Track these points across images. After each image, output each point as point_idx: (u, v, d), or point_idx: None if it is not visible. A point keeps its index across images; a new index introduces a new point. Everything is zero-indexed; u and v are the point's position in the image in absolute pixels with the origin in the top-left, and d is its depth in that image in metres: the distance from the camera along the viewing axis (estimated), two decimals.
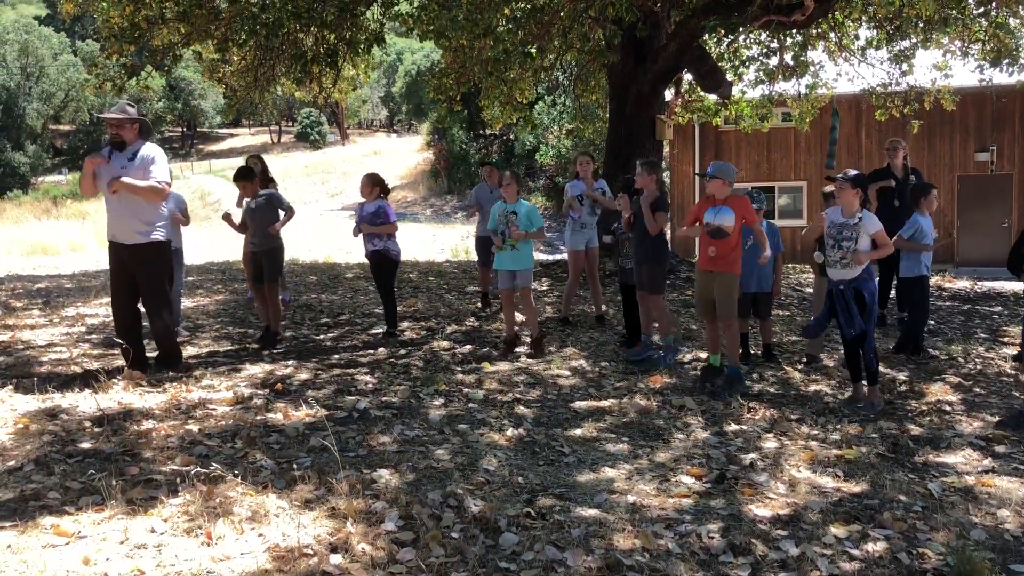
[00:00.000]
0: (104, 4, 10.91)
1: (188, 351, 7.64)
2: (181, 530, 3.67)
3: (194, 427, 5.19)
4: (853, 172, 6.26)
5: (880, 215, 7.70)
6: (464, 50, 12.23)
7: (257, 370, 6.87)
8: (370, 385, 6.44)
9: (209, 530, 3.63)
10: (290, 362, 7.20)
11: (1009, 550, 3.92)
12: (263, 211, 7.92)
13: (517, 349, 7.68)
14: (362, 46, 11.93)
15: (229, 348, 7.79)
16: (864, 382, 6.36)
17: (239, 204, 8.50)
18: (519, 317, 8.29)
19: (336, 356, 7.51)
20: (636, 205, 7.41)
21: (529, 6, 10.51)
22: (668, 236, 10.58)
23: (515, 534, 3.82)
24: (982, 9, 11.35)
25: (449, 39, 11.52)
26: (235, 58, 13.21)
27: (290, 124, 77.49)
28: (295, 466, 4.54)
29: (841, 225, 6.18)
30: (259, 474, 4.42)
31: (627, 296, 7.99)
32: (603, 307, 9.14)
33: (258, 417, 5.44)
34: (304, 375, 6.74)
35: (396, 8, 12.05)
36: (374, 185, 8.29)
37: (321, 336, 8.50)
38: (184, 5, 10.68)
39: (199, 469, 4.39)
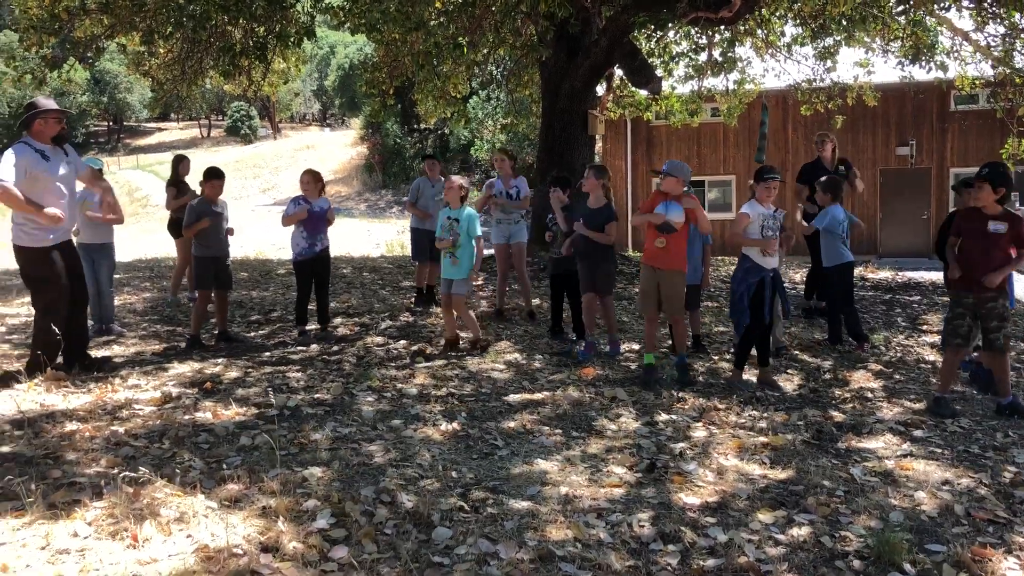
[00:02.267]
0: None
1: (114, 350, 7.47)
2: (106, 533, 3.59)
3: (120, 428, 5.07)
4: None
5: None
6: (396, 44, 12.17)
7: (186, 369, 6.75)
8: (302, 382, 6.37)
9: (135, 532, 3.56)
10: (220, 360, 7.08)
11: (925, 531, 4.07)
12: (223, 218, 7.87)
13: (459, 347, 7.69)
14: (292, 39, 11.74)
15: (157, 347, 7.63)
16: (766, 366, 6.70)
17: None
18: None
19: (267, 353, 7.42)
20: (585, 211, 7.46)
21: (460, 0, 10.49)
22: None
23: (448, 528, 3.83)
24: (901, 8, 11.68)
25: (381, 32, 11.43)
26: (161, 51, 12.91)
27: (220, 118, 76.00)
28: (224, 466, 4.48)
29: (773, 215, 6.39)
30: (188, 474, 4.35)
31: (556, 289, 8.07)
32: (533, 301, 9.15)
33: (187, 417, 5.35)
34: (234, 373, 6.64)
35: (327, 1, 11.92)
36: (319, 182, 8.13)
37: (252, 333, 8.38)
38: None
39: (125, 471, 4.30)
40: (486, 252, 9.00)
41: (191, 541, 3.57)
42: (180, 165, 10.19)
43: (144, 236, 26.73)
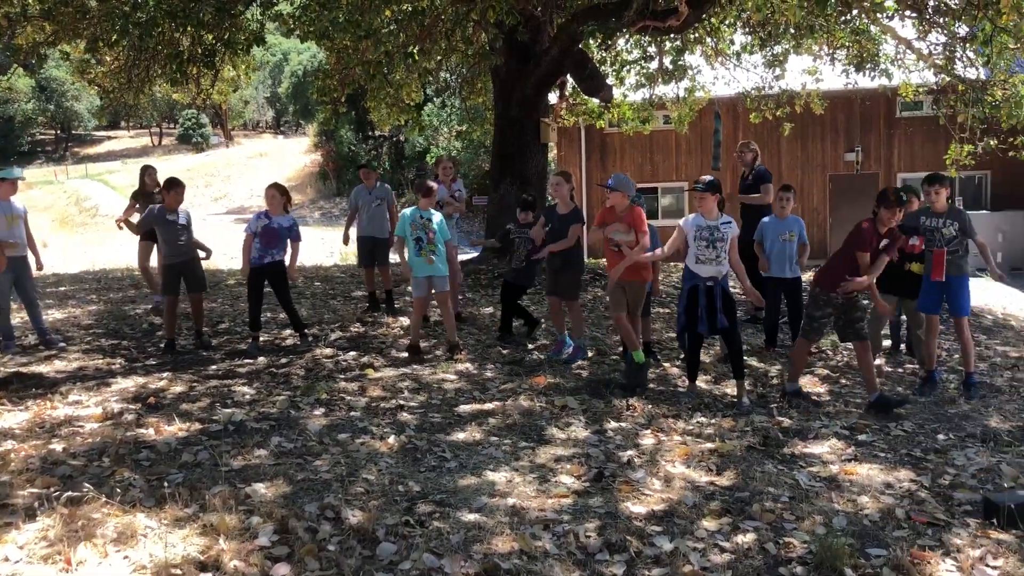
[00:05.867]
0: None
1: (55, 365, 7.31)
2: (38, 557, 3.50)
3: (58, 446, 4.96)
4: (708, 178, 6.49)
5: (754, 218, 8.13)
6: (347, 52, 12.08)
7: (129, 384, 6.61)
8: (248, 396, 6.28)
9: (69, 555, 3.47)
10: (164, 374, 6.96)
11: (868, 535, 4.12)
12: (185, 225, 8.03)
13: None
14: (241, 46, 11.60)
15: (101, 361, 7.48)
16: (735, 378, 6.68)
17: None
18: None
19: (213, 367, 7.30)
20: (554, 217, 7.61)
21: (410, 8, 10.44)
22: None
23: (393, 543, 3.79)
24: (846, 17, 11.88)
25: (331, 40, 11.34)
26: (107, 58, 12.68)
27: (171, 126, 74.91)
28: (166, 483, 4.39)
29: (712, 227, 6.39)
30: (127, 493, 4.26)
31: (507, 294, 8.25)
32: (485, 309, 9.22)
33: (128, 433, 5.24)
34: (179, 388, 6.53)
35: (276, 8, 11.79)
36: (284, 196, 8.18)
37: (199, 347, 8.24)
38: (49, 2, 10.19)
39: (61, 491, 4.19)
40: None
41: (128, 562, 3.50)
42: (146, 175, 10.04)
43: (93, 248, 26.20)
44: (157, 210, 8.05)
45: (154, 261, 9.67)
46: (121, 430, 5.31)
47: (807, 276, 8.44)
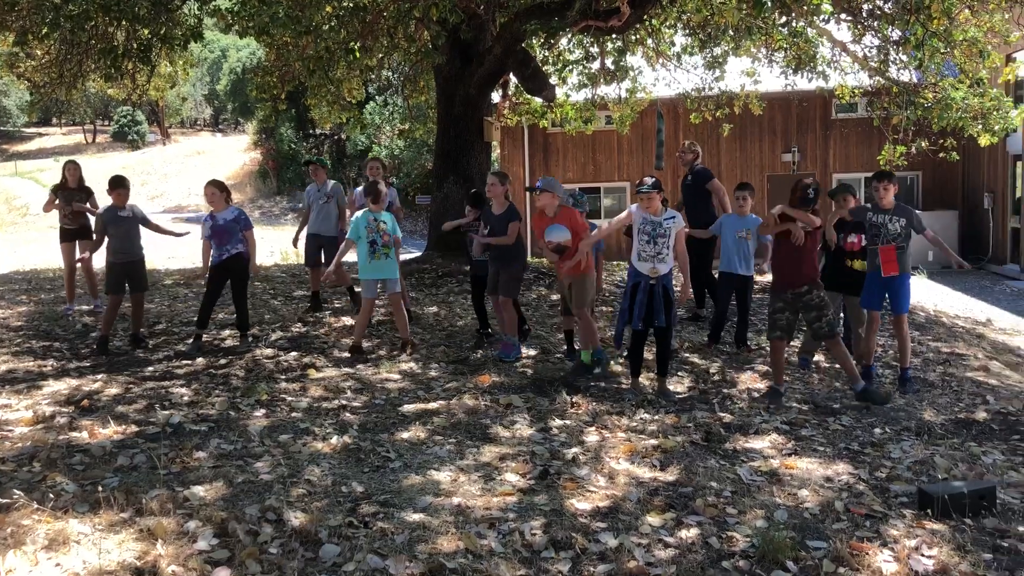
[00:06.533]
0: None
1: None
2: None
3: None
4: (651, 179, 6.54)
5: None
6: (287, 48, 11.91)
7: (61, 386, 6.43)
8: (186, 398, 6.14)
9: None
10: (99, 376, 6.77)
11: (808, 527, 4.19)
12: (135, 222, 8.04)
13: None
14: (178, 42, 11.37)
15: (32, 363, 7.25)
16: (655, 374, 6.85)
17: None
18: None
19: (150, 368, 7.13)
20: (490, 217, 7.63)
21: (352, 4, 10.33)
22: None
23: (336, 545, 3.74)
24: (784, 19, 12.08)
25: (271, 36, 11.16)
26: (38, 52, 12.31)
27: (106, 123, 73.02)
28: (100, 487, 4.26)
29: (655, 223, 6.44)
30: (59, 498, 4.13)
31: (477, 288, 8.23)
32: (431, 308, 9.16)
33: (60, 437, 5.09)
34: (114, 389, 6.36)
35: (215, 3, 11.57)
36: (223, 192, 8.11)
37: (135, 347, 8.05)
38: None
39: None
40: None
41: (60, 569, 3.39)
42: (66, 170, 9.80)
43: (24, 246, 25.43)
44: (106, 210, 8.07)
45: (97, 262, 9.48)
46: (53, 434, 5.15)
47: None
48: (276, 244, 28.10)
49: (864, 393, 6.48)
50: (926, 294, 13.76)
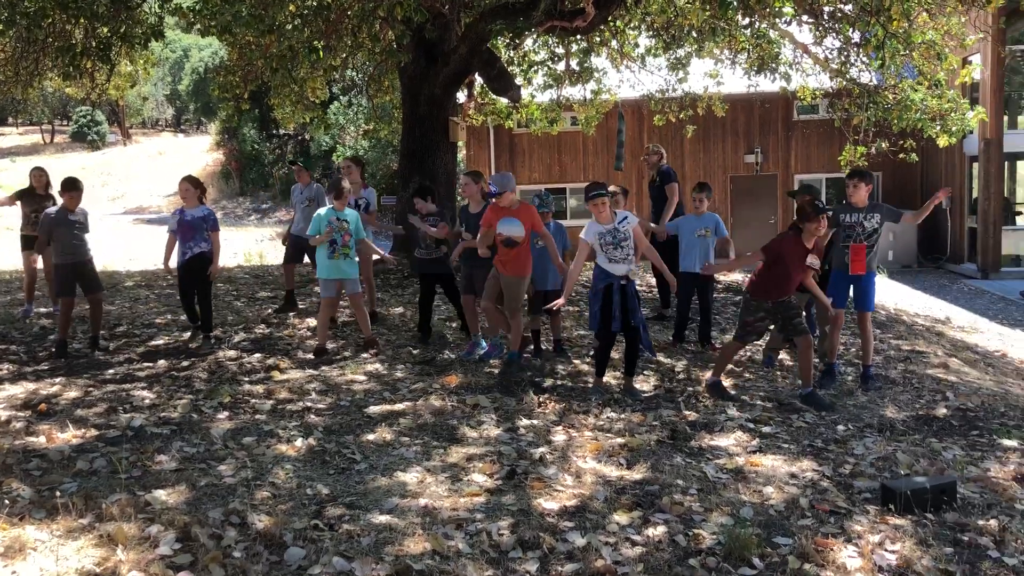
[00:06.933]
0: None
1: None
2: None
3: None
4: (598, 185, 6.56)
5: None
6: (250, 47, 11.79)
7: (18, 390, 6.30)
8: (147, 401, 6.05)
9: None
10: (57, 379, 6.65)
11: (773, 524, 4.21)
12: (84, 227, 7.96)
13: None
14: (139, 40, 11.21)
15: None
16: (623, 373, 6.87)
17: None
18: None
19: (111, 371, 7.02)
20: (466, 216, 7.63)
21: (315, 3, 10.25)
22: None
23: (301, 548, 3.70)
24: (747, 21, 12.19)
25: (233, 35, 11.04)
26: None
27: (65, 123, 71.80)
28: (58, 493, 4.17)
29: (612, 230, 6.44)
30: (15, 505, 4.04)
31: (425, 289, 8.19)
32: (397, 309, 9.12)
33: (16, 442, 4.99)
34: (73, 393, 6.24)
35: (176, 1, 11.42)
36: (198, 188, 8.11)
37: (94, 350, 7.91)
38: None
39: None
40: None
41: None
42: (32, 176, 9.72)
43: None
44: (56, 212, 7.94)
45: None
46: (8, 439, 5.05)
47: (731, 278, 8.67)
48: (239, 246, 27.84)
49: (809, 397, 6.53)
50: (887, 293, 13.97)
